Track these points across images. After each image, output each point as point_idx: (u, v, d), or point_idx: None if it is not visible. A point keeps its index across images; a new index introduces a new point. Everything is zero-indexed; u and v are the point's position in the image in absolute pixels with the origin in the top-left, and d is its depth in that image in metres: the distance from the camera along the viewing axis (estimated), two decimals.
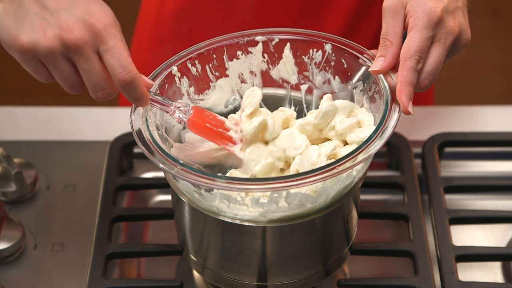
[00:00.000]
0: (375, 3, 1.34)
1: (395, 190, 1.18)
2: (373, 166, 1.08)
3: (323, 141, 1.02)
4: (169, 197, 1.11)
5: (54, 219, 1.16)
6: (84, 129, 1.30)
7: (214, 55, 1.05)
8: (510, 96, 2.64)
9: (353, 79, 1.04)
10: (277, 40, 1.06)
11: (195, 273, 1.11)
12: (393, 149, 1.22)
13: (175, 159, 0.92)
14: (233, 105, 1.08)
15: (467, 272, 1.12)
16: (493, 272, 1.13)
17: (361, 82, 1.03)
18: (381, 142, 0.93)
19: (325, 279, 1.05)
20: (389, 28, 0.97)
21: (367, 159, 0.93)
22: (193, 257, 1.04)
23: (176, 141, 1.04)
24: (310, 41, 1.05)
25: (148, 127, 0.96)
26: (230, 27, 1.11)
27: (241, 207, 0.94)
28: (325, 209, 0.96)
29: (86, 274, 1.07)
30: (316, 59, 1.06)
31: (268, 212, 0.94)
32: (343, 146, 1.00)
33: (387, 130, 0.94)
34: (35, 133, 1.29)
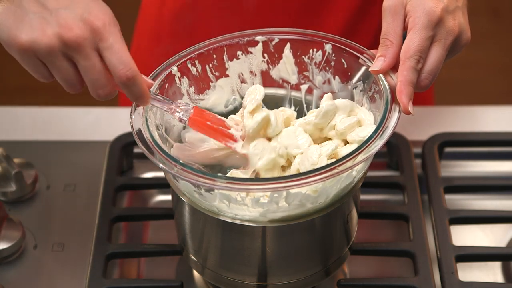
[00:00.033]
0: (375, 3, 1.34)
1: (395, 190, 1.18)
2: (373, 166, 1.08)
3: (323, 140, 1.02)
4: (169, 197, 1.11)
5: (54, 219, 1.16)
6: (84, 129, 1.30)
7: (214, 55, 1.05)
8: (510, 96, 2.64)
9: (353, 79, 1.04)
10: (277, 40, 1.06)
11: (195, 273, 1.11)
12: (393, 149, 1.22)
13: (175, 159, 0.92)
14: (233, 105, 1.08)
15: (467, 272, 1.12)
16: (493, 272, 1.13)
17: (361, 82, 1.03)
18: (381, 142, 0.93)
19: (325, 279, 1.05)
20: (389, 28, 0.97)
21: (367, 159, 0.93)
22: (193, 257, 1.04)
23: (176, 141, 1.04)
24: (310, 41, 1.05)
25: (148, 127, 0.96)
26: (230, 27, 1.11)
27: (241, 207, 0.94)
28: (325, 209, 0.96)
29: (86, 274, 1.07)
30: (316, 59, 1.06)
31: (268, 212, 0.94)
32: (343, 145, 1.00)
33: (387, 130, 0.94)
34: (35, 133, 1.29)
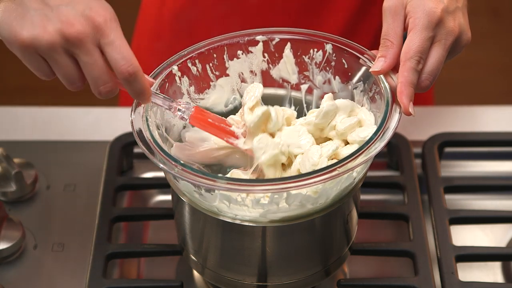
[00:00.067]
0: (375, 3, 1.34)
1: (395, 190, 1.18)
2: (373, 166, 1.08)
3: (324, 140, 1.02)
4: (169, 197, 1.11)
5: (54, 219, 1.16)
6: (84, 129, 1.30)
7: (214, 55, 1.05)
8: (510, 96, 2.64)
9: (354, 79, 1.04)
10: (277, 39, 1.06)
11: (195, 273, 1.11)
12: (393, 149, 1.22)
13: (176, 159, 0.92)
14: (233, 104, 1.08)
15: (467, 272, 1.12)
16: (493, 272, 1.13)
17: (362, 82, 1.03)
18: (382, 143, 0.93)
19: (325, 279, 1.05)
20: (389, 28, 0.97)
21: (368, 160, 0.93)
22: (193, 257, 1.04)
23: (176, 140, 1.04)
24: (310, 41, 1.05)
25: (148, 127, 0.96)
26: (230, 27, 1.11)
27: (241, 207, 0.94)
28: (325, 210, 0.96)
29: (86, 274, 1.07)
30: (316, 59, 1.06)
31: (268, 212, 0.94)
32: (344, 145, 1.00)
33: (388, 131, 0.94)
34: (35, 133, 1.29)
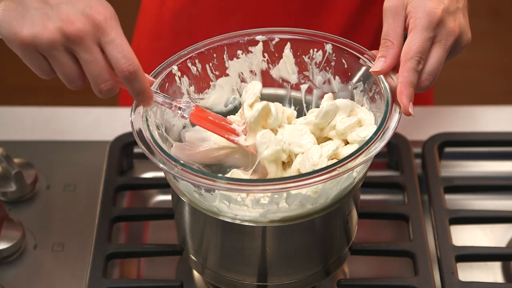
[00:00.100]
0: (375, 3, 1.34)
1: (395, 190, 1.18)
2: (373, 166, 1.08)
3: (324, 140, 1.02)
4: (169, 197, 1.11)
5: (54, 219, 1.16)
6: (84, 129, 1.30)
7: (214, 54, 1.05)
8: (510, 96, 2.64)
9: (353, 79, 1.04)
10: (277, 39, 1.06)
11: (195, 273, 1.11)
12: (393, 149, 1.22)
13: (176, 159, 0.92)
14: (233, 104, 1.08)
15: (467, 272, 1.12)
16: (493, 272, 1.13)
17: (362, 82, 1.03)
18: (381, 144, 0.93)
19: (325, 279, 1.05)
20: (390, 28, 0.97)
21: (368, 160, 0.92)
22: (193, 257, 1.04)
23: (176, 140, 1.04)
24: (310, 41, 1.05)
25: (148, 127, 0.96)
26: (230, 27, 1.11)
27: (241, 207, 0.94)
28: (325, 209, 0.96)
29: (86, 274, 1.07)
30: (316, 59, 1.06)
31: (268, 212, 0.94)
32: (344, 145, 1.00)
33: (387, 131, 0.94)
34: (35, 133, 1.29)
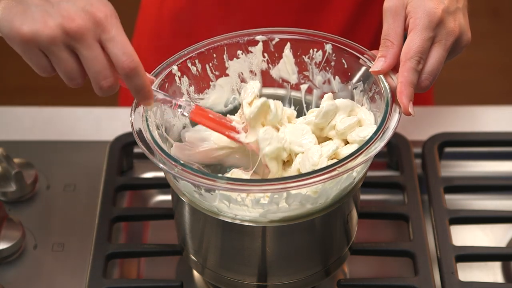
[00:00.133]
0: (375, 3, 1.34)
1: (395, 190, 1.18)
2: (373, 166, 1.08)
3: (323, 140, 1.02)
4: (169, 197, 1.11)
5: (54, 219, 1.16)
6: (84, 129, 1.30)
7: (214, 55, 1.05)
8: (510, 96, 2.64)
9: (353, 79, 1.04)
10: (277, 39, 1.06)
11: (195, 273, 1.11)
12: (393, 149, 1.22)
13: (176, 159, 0.92)
14: (233, 104, 1.08)
15: (467, 272, 1.12)
16: (493, 272, 1.13)
17: (361, 82, 1.03)
18: (381, 143, 0.93)
19: (325, 279, 1.05)
20: (390, 28, 0.97)
21: (368, 160, 0.92)
22: (193, 257, 1.04)
23: (176, 140, 1.04)
24: (310, 41, 1.05)
25: (148, 127, 0.96)
26: (230, 27, 1.11)
27: (241, 207, 0.94)
28: (325, 209, 0.96)
29: (86, 274, 1.07)
30: (316, 59, 1.06)
31: (268, 212, 0.94)
32: (344, 145, 1.00)
33: (387, 131, 0.94)
34: (35, 133, 1.29)
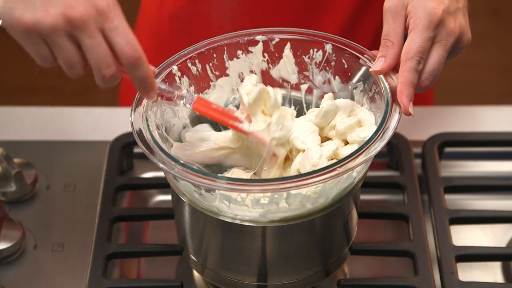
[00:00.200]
0: (375, 2, 1.34)
1: (395, 190, 1.18)
2: (373, 166, 1.08)
3: (323, 140, 1.02)
4: (169, 197, 1.11)
5: (54, 219, 1.16)
6: (84, 129, 1.30)
7: (214, 55, 1.05)
8: (510, 96, 2.64)
9: (353, 79, 1.04)
10: (277, 39, 1.06)
11: (195, 273, 1.11)
12: (393, 149, 1.22)
13: (176, 159, 0.92)
14: (233, 104, 1.08)
15: (467, 272, 1.12)
16: (493, 272, 1.13)
17: (362, 82, 1.03)
18: (381, 143, 0.93)
19: (325, 279, 1.05)
20: (390, 28, 0.97)
21: (368, 160, 0.92)
22: (193, 257, 1.04)
23: (176, 140, 1.04)
24: (310, 41, 1.05)
25: (148, 127, 0.96)
26: (230, 27, 1.11)
27: (241, 207, 0.94)
28: (325, 209, 0.96)
29: (86, 274, 1.07)
30: (316, 59, 1.06)
31: (268, 212, 0.94)
32: (344, 145, 1.00)
33: (387, 131, 0.94)
34: (35, 133, 1.29)
